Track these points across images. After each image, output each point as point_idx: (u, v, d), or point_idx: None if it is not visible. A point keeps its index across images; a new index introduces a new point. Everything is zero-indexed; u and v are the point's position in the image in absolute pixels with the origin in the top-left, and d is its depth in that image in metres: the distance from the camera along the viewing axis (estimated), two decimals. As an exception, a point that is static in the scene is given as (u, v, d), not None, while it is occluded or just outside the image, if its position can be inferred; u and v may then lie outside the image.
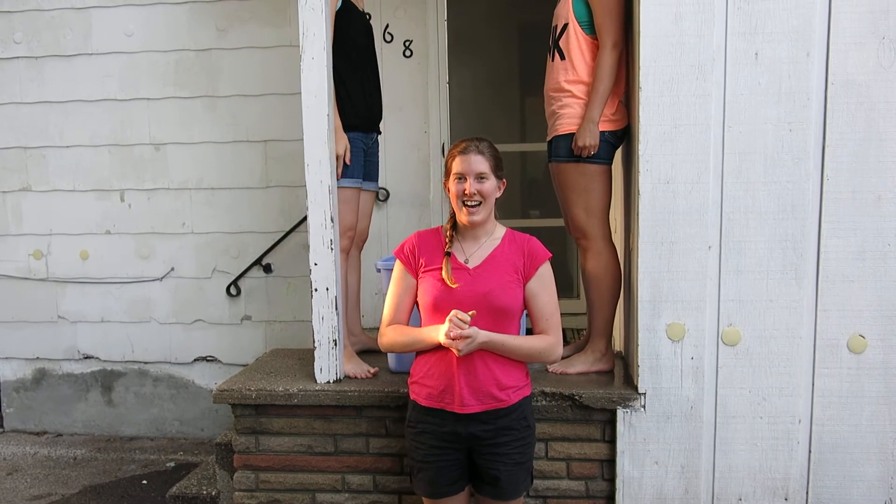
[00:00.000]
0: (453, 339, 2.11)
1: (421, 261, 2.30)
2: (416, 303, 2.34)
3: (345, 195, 2.97)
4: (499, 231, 2.33)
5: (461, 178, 2.23)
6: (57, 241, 4.33)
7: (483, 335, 2.14)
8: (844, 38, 2.51)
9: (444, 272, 2.23)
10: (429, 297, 2.24)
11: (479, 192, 2.22)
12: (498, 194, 2.29)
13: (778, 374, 2.63)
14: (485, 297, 2.20)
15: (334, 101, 2.87)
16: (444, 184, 2.33)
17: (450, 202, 2.32)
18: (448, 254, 2.26)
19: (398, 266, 2.35)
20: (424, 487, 2.30)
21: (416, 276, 2.30)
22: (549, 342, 2.26)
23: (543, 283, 2.28)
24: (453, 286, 2.20)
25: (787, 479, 2.67)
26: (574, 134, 2.77)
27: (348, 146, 2.93)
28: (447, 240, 2.29)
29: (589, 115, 2.72)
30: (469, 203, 2.22)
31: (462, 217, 2.25)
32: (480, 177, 2.22)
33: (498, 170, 2.27)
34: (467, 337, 2.11)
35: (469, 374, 2.19)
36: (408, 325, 2.33)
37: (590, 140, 2.72)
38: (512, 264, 2.25)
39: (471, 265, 2.26)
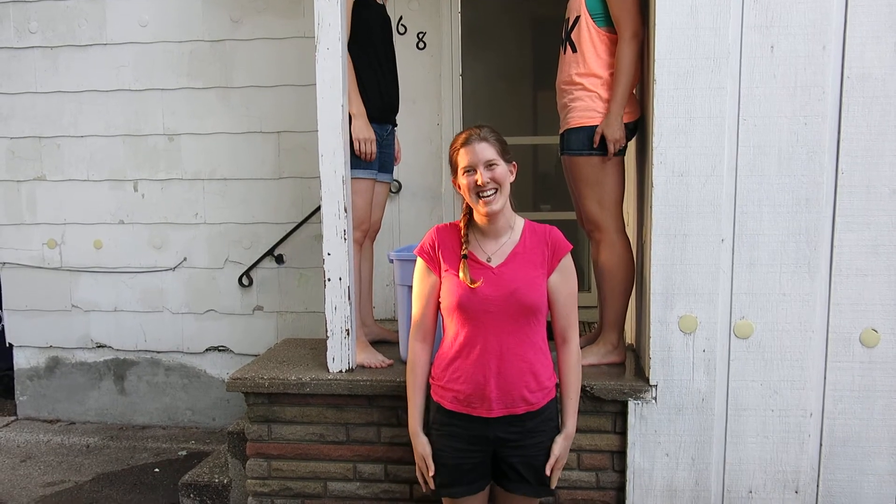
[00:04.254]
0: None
1: (442, 257, 2.22)
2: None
3: (359, 186, 2.98)
4: (518, 223, 2.23)
5: (470, 170, 2.14)
6: (71, 230, 4.36)
7: (564, 444, 2.24)
8: (861, 32, 2.50)
9: (461, 274, 2.15)
10: (453, 297, 2.15)
11: (493, 180, 2.12)
12: (511, 178, 2.18)
13: (790, 367, 2.63)
14: (512, 295, 2.12)
15: (354, 91, 2.89)
16: (454, 182, 2.22)
17: (462, 197, 2.23)
18: (465, 256, 2.17)
19: (420, 264, 2.27)
20: (444, 488, 2.25)
21: (439, 274, 2.23)
22: (577, 355, 2.27)
23: (565, 275, 2.21)
24: (473, 286, 2.12)
25: (798, 473, 2.67)
26: (586, 127, 2.77)
27: (373, 138, 2.96)
28: (464, 240, 2.20)
29: (614, 109, 2.72)
30: (484, 194, 2.12)
31: (480, 210, 2.14)
32: (490, 164, 2.12)
33: (505, 153, 2.17)
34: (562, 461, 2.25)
35: (500, 379, 2.13)
36: (435, 320, 2.29)
37: (618, 133, 2.72)
38: (536, 258, 2.18)
39: (493, 263, 2.17)
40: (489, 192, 2.13)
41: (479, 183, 2.12)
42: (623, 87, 2.71)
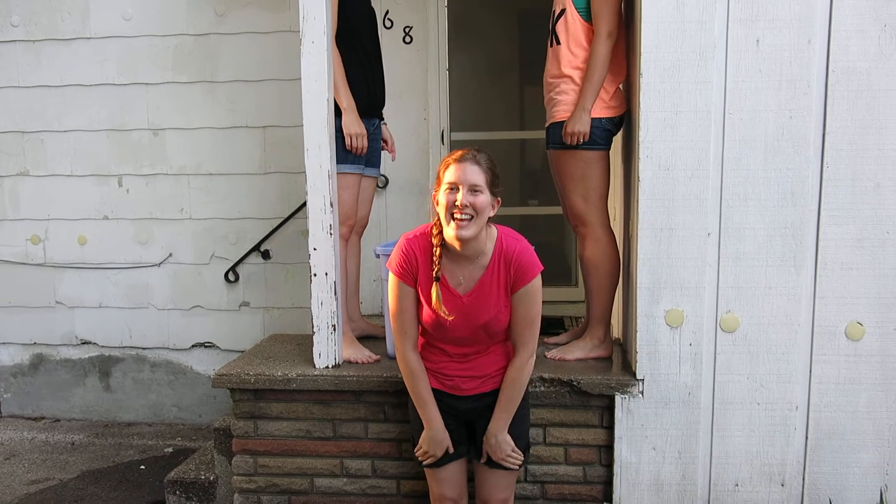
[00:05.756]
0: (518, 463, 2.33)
1: (417, 272, 2.22)
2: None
3: (346, 181, 2.96)
4: (490, 245, 2.19)
5: (453, 188, 2.09)
6: (55, 226, 4.32)
7: (503, 437, 2.28)
8: (846, 26, 2.50)
9: (434, 301, 2.16)
10: (426, 317, 2.24)
11: (472, 206, 2.06)
12: (491, 212, 2.13)
13: (776, 360, 2.64)
14: (481, 327, 2.22)
15: (343, 85, 2.87)
16: (433, 196, 2.17)
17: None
18: (437, 279, 2.16)
19: (394, 279, 2.25)
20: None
21: (415, 286, 2.24)
22: (518, 371, 2.25)
23: (524, 300, 2.20)
24: (448, 318, 2.17)
25: (784, 465, 2.68)
26: (572, 121, 2.77)
27: (365, 133, 2.95)
28: (436, 261, 2.16)
29: (581, 103, 2.71)
30: (458, 216, 2.07)
31: (449, 231, 2.10)
32: (474, 189, 2.08)
33: (494, 186, 2.13)
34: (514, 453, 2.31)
35: (469, 373, 2.29)
36: (418, 324, 2.30)
37: (580, 127, 2.71)
38: (502, 285, 2.19)
39: (462, 291, 2.20)
40: (465, 217, 2.08)
41: (457, 204, 2.07)
42: (593, 83, 2.70)
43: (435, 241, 2.18)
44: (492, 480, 2.36)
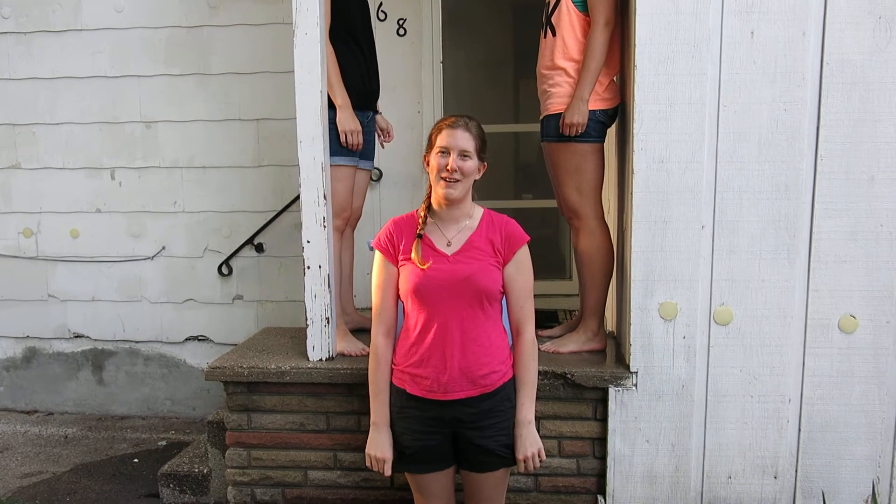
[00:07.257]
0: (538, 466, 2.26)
1: (400, 248, 2.28)
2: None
3: (341, 173, 2.95)
4: (476, 212, 2.31)
5: (444, 151, 2.22)
6: (47, 219, 4.30)
7: (533, 434, 2.25)
8: (841, 18, 2.50)
9: (413, 254, 2.23)
10: (410, 283, 2.22)
11: (461, 169, 2.20)
12: (477, 176, 2.28)
13: (769, 353, 2.64)
14: (466, 281, 2.19)
15: (337, 82, 2.86)
16: (425, 157, 2.30)
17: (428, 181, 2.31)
18: (420, 236, 2.26)
19: (379, 256, 2.32)
20: (410, 466, 2.30)
21: (397, 265, 2.28)
22: (531, 346, 2.27)
23: (519, 268, 2.27)
24: (423, 267, 2.20)
25: (777, 458, 2.69)
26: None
27: (360, 129, 2.94)
28: (421, 221, 2.28)
29: (579, 93, 2.71)
30: (448, 178, 2.21)
31: (438, 191, 2.23)
32: (464, 154, 2.22)
33: (482, 152, 2.27)
34: (539, 457, 2.25)
35: (455, 362, 2.19)
36: (396, 312, 2.31)
37: (578, 118, 2.71)
38: (490, 248, 2.25)
39: (449, 251, 2.24)
40: (453, 179, 2.22)
41: (448, 167, 2.20)
42: (591, 72, 2.70)
43: (423, 205, 2.31)
44: (484, 492, 2.29)
